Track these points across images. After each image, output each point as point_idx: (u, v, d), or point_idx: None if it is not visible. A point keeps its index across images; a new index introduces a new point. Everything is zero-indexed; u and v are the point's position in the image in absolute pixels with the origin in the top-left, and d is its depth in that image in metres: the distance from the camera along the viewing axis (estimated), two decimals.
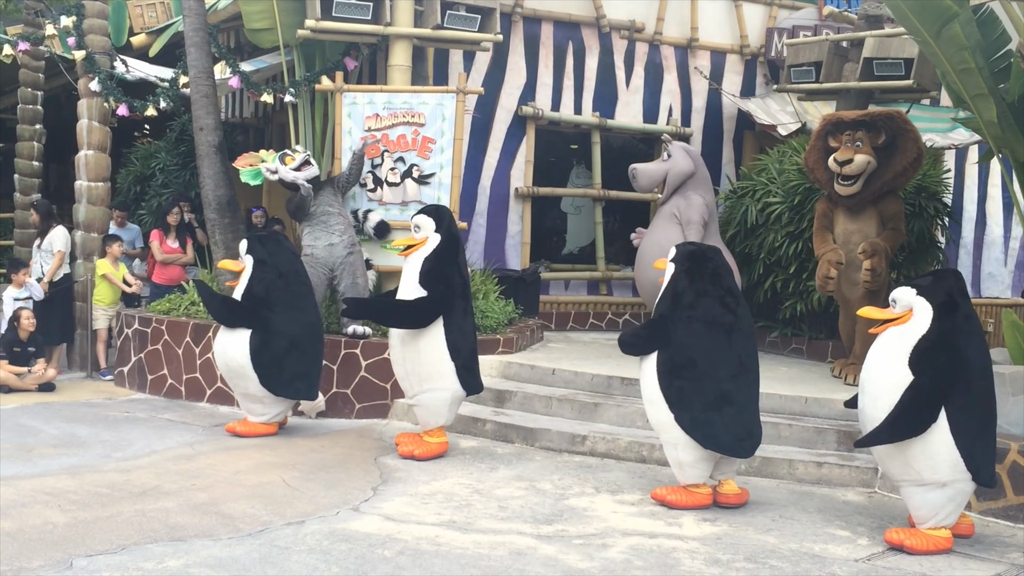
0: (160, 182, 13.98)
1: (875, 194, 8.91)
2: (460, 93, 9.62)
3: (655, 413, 6.75)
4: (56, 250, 10.66)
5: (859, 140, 8.76)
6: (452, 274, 7.64)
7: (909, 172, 8.89)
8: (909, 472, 6.04)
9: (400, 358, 7.69)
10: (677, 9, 12.82)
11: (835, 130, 8.99)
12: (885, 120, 8.72)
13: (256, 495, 6.51)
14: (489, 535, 5.94)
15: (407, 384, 7.74)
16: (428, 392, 7.66)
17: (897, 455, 6.04)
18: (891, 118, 8.74)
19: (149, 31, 14.37)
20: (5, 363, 9.67)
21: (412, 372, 7.64)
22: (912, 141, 8.72)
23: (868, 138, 8.75)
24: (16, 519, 5.79)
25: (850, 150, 8.75)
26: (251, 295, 8.15)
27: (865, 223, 9.07)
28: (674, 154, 10.21)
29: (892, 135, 8.72)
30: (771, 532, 6.30)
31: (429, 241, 7.59)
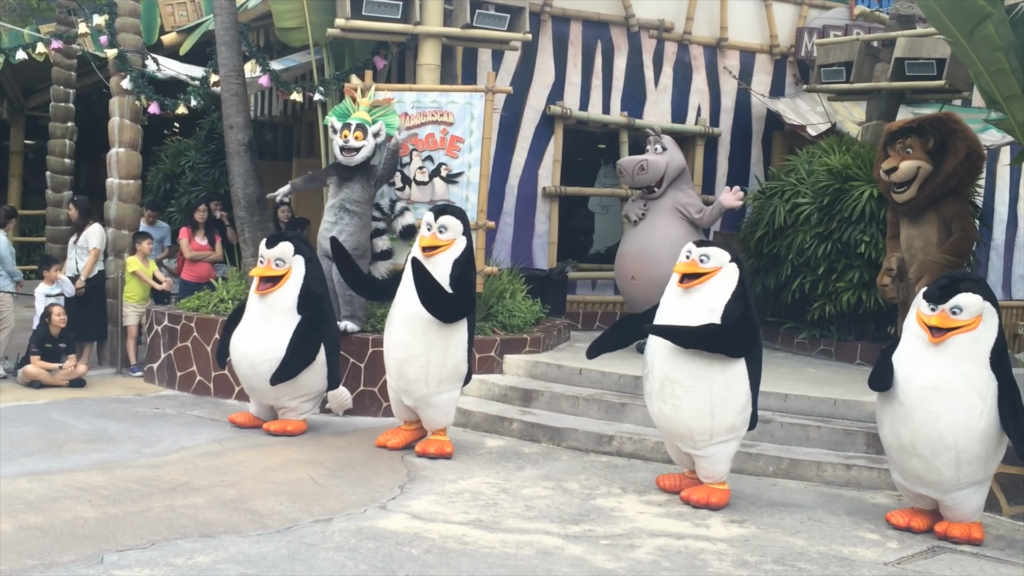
0: (189, 180, 14.10)
1: (930, 198, 8.83)
2: (489, 92, 9.62)
3: (737, 415, 6.66)
4: (92, 247, 10.74)
5: (910, 147, 8.74)
6: (474, 279, 7.88)
7: (962, 171, 8.76)
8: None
9: (421, 358, 7.53)
10: (707, 8, 12.77)
11: (890, 140, 8.99)
12: (933, 124, 8.69)
13: (284, 492, 6.54)
14: (516, 534, 5.95)
15: (420, 384, 7.58)
16: (446, 393, 7.67)
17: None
18: (939, 120, 8.71)
19: (180, 29, 14.49)
20: (37, 359, 9.76)
21: (433, 373, 7.54)
22: (961, 140, 8.65)
23: (919, 144, 8.73)
24: (47, 514, 5.84)
25: (896, 158, 8.73)
26: (310, 293, 8.14)
27: (926, 228, 9.01)
28: (669, 147, 10.25)
29: (942, 137, 8.67)
30: (799, 534, 6.27)
31: (457, 243, 7.56)
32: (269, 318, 8.07)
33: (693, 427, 6.63)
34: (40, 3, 18.93)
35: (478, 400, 9.23)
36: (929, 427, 6.05)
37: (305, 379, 8.14)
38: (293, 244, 8.20)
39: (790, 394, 8.49)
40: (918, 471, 6.21)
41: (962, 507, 6.23)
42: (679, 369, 6.59)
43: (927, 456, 6.10)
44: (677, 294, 6.74)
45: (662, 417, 6.80)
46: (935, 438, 6.04)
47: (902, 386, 6.20)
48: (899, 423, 6.20)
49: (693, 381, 6.56)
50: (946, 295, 6.12)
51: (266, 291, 8.07)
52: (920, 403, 6.09)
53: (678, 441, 6.83)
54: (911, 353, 6.25)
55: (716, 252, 6.67)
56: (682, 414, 6.63)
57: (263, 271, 8.11)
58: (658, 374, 6.71)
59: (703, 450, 6.71)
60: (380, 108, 9.30)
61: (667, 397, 6.66)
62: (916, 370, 6.17)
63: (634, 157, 10.25)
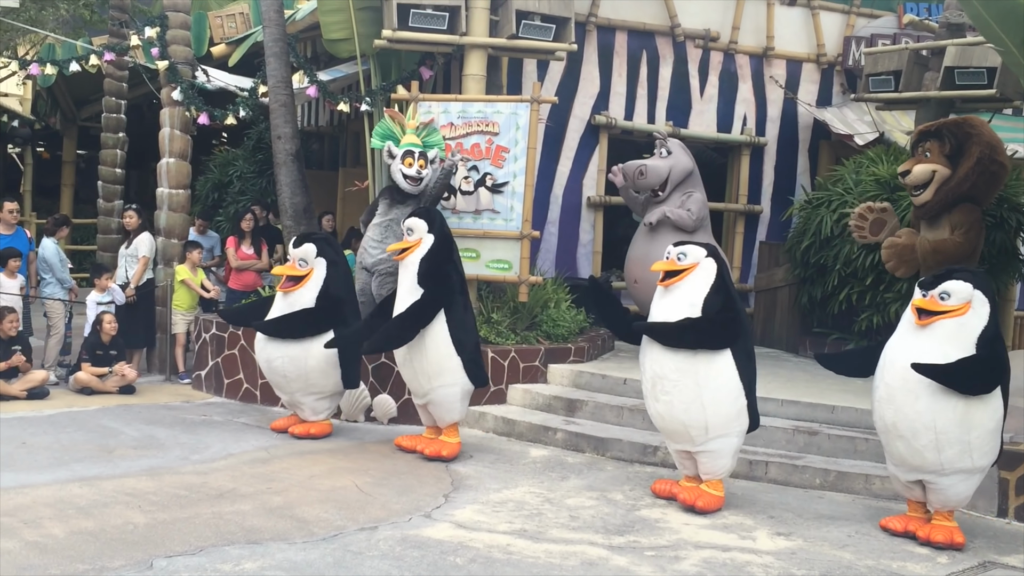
0: (237, 189, 14.24)
1: (944, 202, 8.71)
2: (534, 102, 9.64)
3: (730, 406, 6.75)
4: (141, 255, 10.89)
5: (928, 151, 8.64)
6: (450, 272, 7.94)
7: (974, 176, 8.62)
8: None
9: (406, 359, 7.88)
10: (753, 18, 12.72)
11: (914, 143, 8.89)
12: (950, 128, 8.56)
13: (330, 499, 6.59)
14: (560, 544, 5.94)
15: (416, 384, 7.93)
16: (439, 389, 7.85)
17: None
18: (957, 125, 8.58)
19: (229, 41, 14.70)
20: (87, 365, 9.91)
21: (420, 371, 7.81)
22: (976, 145, 8.50)
23: (937, 147, 8.62)
24: (98, 519, 5.93)
25: (912, 161, 8.65)
26: (329, 296, 8.29)
27: (939, 231, 8.90)
28: (674, 150, 10.18)
29: (959, 142, 8.56)
30: (847, 548, 6.20)
31: (423, 242, 7.86)
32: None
33: (687, 421, 6.72)
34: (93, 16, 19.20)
35: (522, 410, 9.24)
36: (908, 407, 6.21)
37: (315, 377, 8.31)
38: (317, 246, 8.39)
39: (837, 406, 8.41)
40: (902, 453, 6.32)
41: (946, 493, 6.33)
42: (665, 365, 6.75)
43: (908, 437, 6.24)
44: (660, 293, 6.93)
45: (658, 416, 6.92)
46: (914, 417, 6.18)
47: (887, 368, 6.36)
48: (883, 404, 6.36)
49: (680, 375, 6.70)
50: (937, 281, 6.31)
51: (288, 289, 8.33)
52: (902, 383, 6.23)
53: (677, 440, 6.94)
54: (899, 336, 6.45)
55: (692, 249, 6.86)
56: (674, 409, 6.75)
57: (286, 270, 8.39)
58: (648, 373, 6.88)
59: (702, 446, 6.81)
60: (426, 128, 9.36)
61: (659, 395, 6.81)
62: (901, 351, 6.32)
63: (636, 161, 10.21)
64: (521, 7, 9.76)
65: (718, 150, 13.08)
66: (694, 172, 10.23)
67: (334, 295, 8.33)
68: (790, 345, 11.90)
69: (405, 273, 7.87)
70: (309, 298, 8.27)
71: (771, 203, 13.00)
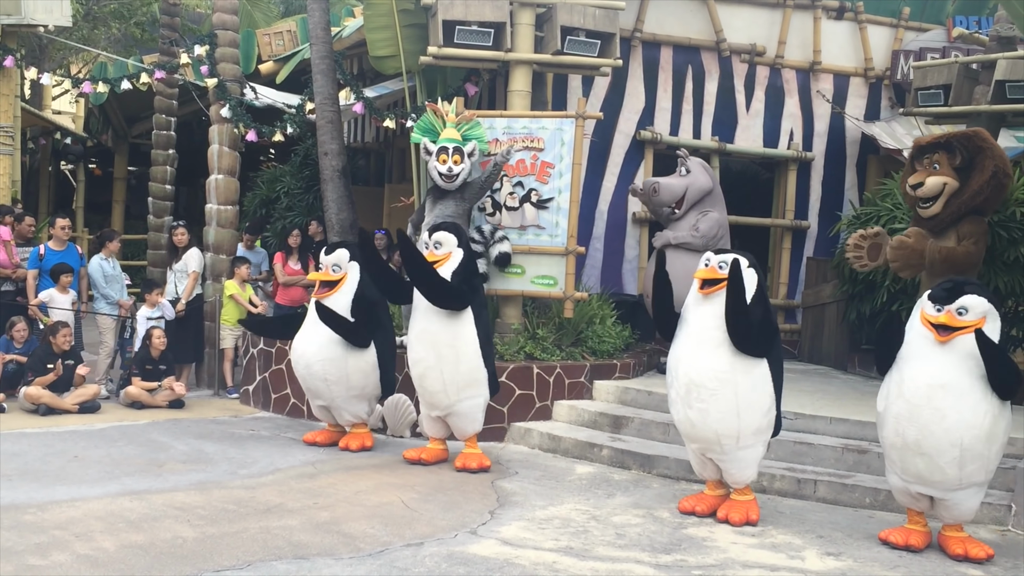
0: (284, 205, 14.37)
1: (954, 215, 8.62)
2: (579, 118, 9.64)
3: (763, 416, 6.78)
4: (191, 271, 11.03)
5: (937, 163, 8.54)
6: (479, 284, 8.14)
7: (988, 190, 8.53)
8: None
9: (435, 371, 7.89)
10: (799, 32, 12.64)
11: (919, 155, 8.78)
12: (961, 140, 8.46)
13: (376, 515, 6.61)
14: (607, 563, 5.91)
15: (442, 396, 7.95)
16: (467, 400, 7.96)
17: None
18: (968, 138, 8.49)
19: (277, 59, 14.85)
20: (138, 380, 10.03)
21: (450, 383, 7.89)
22: (989, 158, 8.42)
23: (946, 160, 8.52)
24: (148, 532, 5.99)
25: (923, 173, 8.53)
26: (364, 298, 8.42)
27: (944, 242, 8.79)
28: (693, 169, 10.23)
29: (970, 155, 8.46)
30: (898, 568, 6.11)
31: (454, 256, 7.97)
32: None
33: (720, 431, 6.71)
34: (144, 34, 19.55)
35: (568, 426, 9.22)
36: (935, 424, 6.12)
37: (356, 379, 8.44)
38: (349, 250, 8.53)
39: None
40: (920, 470, 6.25)
41: (960, 507, 6.30)
42: (704, 373, 6.71)
43: (932, 454, 6.16)
44: (698, 300, 6.90)
45: (687, 423, 6.87)
46: (940, 435, 6.11)
47: (907, 384, 6.26)
48: (904, 421, 6.25)
49: (719, 384, 6.67)
50: (952, 296, 6.25)
51: (323, 295, 8.43)
52: (927, 400, 6.16)
53: (704, 447, 6.90)
54: (915, 352, 6.32)
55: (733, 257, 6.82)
56: (708, 418, 6.72)
57: (321, 276, 8.52)
58: (683, 380, 6.82)
59: (730, 454, 6.80)
60: (467, 123, 9.36)
61: (693, 402, 6.76)
62: (922, 368, 6.24)
63: (651, 179, 10.31)
64: (566, 23, 9.78)
65: (764, 165, 13.00)
66: (714, 191, 10.25)
67: (369, 297, 8.46)
68: (838, 362, 11.76)
69: None
70: (344, 303, 8.39)
71: (818, 218, 12.88)
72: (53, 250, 10.58)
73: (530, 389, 9.33)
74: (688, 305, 7.04)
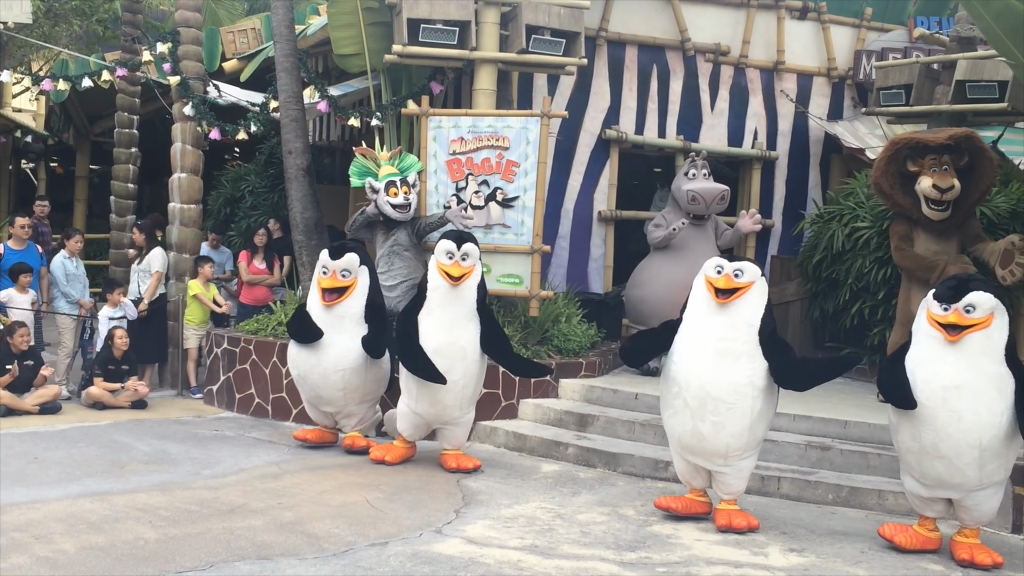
0: (249, 204, 14.28)
1: (962, 217, 8.73)
2: (544, 117, 9.65)
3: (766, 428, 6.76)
4: (154, 270, 10.94)
5: (946, 164, 8.57)
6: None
7: (990, 191, 8.73)
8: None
9: (457, 385, 7.73)
10: (763, 32, 12.71)
11: (915, 154, 8.75)
12: (966, 141, 8.52)
13: (340, 515, 6.58)
14: (572, 560, 5.92)
15: (452, 409, 7.86)
16: (469, 413, 8.06)
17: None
18: (970, 139, 8.53)
19: (241, 56, 14.76)
20: (100, 380, 9.93)
21: (465, 398, 7.86)
22: (989, 159, 8.54)
23: (951, 161, 8.57)
24: (109, 534, 5.93)
25: (948, 176, 8.52)
26: (374, 302, 8.29)
27: (949, 244, 8.88)
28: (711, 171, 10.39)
29: (972, 156, 8.54)
30: (860, 564, 6.16)
31: (476, 269, 7.83)
32: (338, 329, 8.15)
33: (731, 444, 6.58)
34: (106, 32, 19.33)
35: (533, 424, 9.23)
36: (952, 426, 6.01)
37: (372, 387, 8.38)
38: (358, 254, 8.27)
39: (850, 421, 8.37)
40: (940, 474, 6.14)
41: (981, 508, 6.21)
42: (721, 387, 6.52)
43: (950, 457, 6.05)
44: (711, 309, 6.68)
45: (697, 436, 6.64)
46: (959, 437, 6.00)
47: (921, 387, 6.13)
48: (920, 425, 6.12)
49: (738, 398, 6.51)
50: (958, 294, 6.13)
51: (333, 302, 8.15)
52: (942, 403, 6.04)
53: (705, 459, 6.75)
54: (926, 355, 6.20)
55: (748, 266, 6.74)
56: (723, 432, 6.55)
57: (330, 282, 8.16)
58: (695, 392, 6.58)
59: (733, 466, 6.70)
60: (397, 157, 9.75)
61: (707, 415, 6.56)
62: (935, 371, 6.11)
63: (714, 187, 10.23)
64: (531, 22, 9.79)
65: (729, 164, 13.06)
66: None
67: (378, 302, 8.38)
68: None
69: (458, 299, 7.70)
70: (358, 307, 8.19)
71: (782, 217, 12.96)
72: (12, 249, 10.45)
73: (496, 388, 9.32)
74: (696, 312, 6.79)
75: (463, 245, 7.74)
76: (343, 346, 8.13)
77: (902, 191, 8.84)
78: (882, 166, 8.91)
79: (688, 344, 6.73)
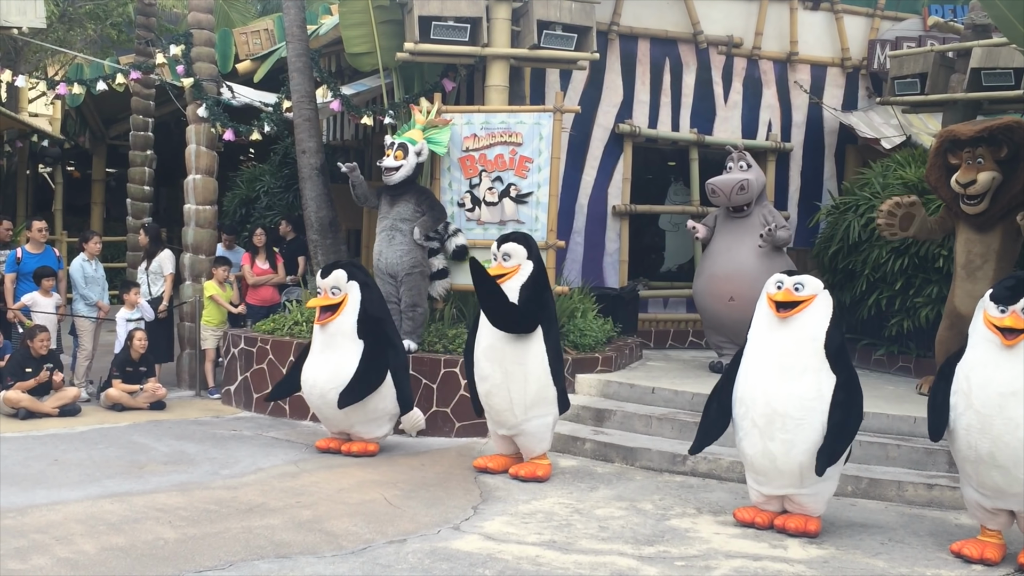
0: (264, 204, 14.34)
1: (1004, 209, 8.63)
2: (557, 112, 9.64)
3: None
4: (167, 272, 11.00)
5: (980, 157, 8.45)
6: (549, 300, 7.71)
7: None
8: None
9: (502, 389, 7.51)
10: (776, 23, 12.66)
11: (953, 147, 8.69)
12: (1005, 132, 8.39)
13: (358, 513, 6.59)
14: (590, 555, 5.92)
15: (508, 415, 7.57)
16: (535, 419, 7.58)
17: None
18: (1011, 129, 8.40)
19: (254, 57, 14.80)
20: (118, 382, 9.98)
21: (518, 402, 7.50)
22: None
23: (990, 153, 8.46)
24: (129, 534, 5.96)
25: (972, 169, 8.44)
26: (369, 316, 8.18)
27: (990, 237, 8.81)
28: (752, 163, 10.25)
29: (1015, 147, 8.42)
30: (880, 556, 6.14)
31: (523, 269, 7.55)
32: (333, 346, 8.12)
33: (805, 463, 6.29)
34: (120, 35, 19.45)
35: None
36: (1010, 435, 5.75)
37: (374, 403, 8.16)
38: (346, 271, 8.23)
39: (869, 412, 8.26)
40: (999, 484, 5.89)
41: None
42: (788, 402, 6.29)
43: (1008, 466, 5.79)
44: (772, 325, 6.49)
45: (767, 456, 6.39)
46: (1016, 446, 5.74)
47: (977, 394, 5.89)
48: (976, 433, 5.89)
49: (805, 413, 6.27)
50: (1016, 295, 5.86)
51: (326, 320, 8.12)
52: (999, 410, 5.79)
53: (781, 483, 6.45)
54: (982, 359, 5.94)
55: (810, 280, 6.51)
56: (794, 450, 6.28)
57: (321, 301, 8.17)
58: (762, 409, 6.36)
59: (811, 488, 6.39)
60: (436, 128, 9.55)
61: (775, 433, 6.30)
62: (991, 376, 5.86)
63: (731, 176, 10.05)
64: (542, 17, 9.77)
65: None
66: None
67: (373, 315, 8.21)
68: None
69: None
70: (350, 324, 8.10)
71: (798, 209, 12.92)
72: (30, 253, 10.51)
73: None
74: (758, 330, 6.61)
75: (504, 245, 7.59)
76: (337, 364, 8.05)
77: (946, 185, 8.81)
78: (931, 160, 8.94)
79: (752, 362, 6.56)
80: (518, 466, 7.72)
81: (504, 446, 7.88)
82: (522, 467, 7.69)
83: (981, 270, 8.81)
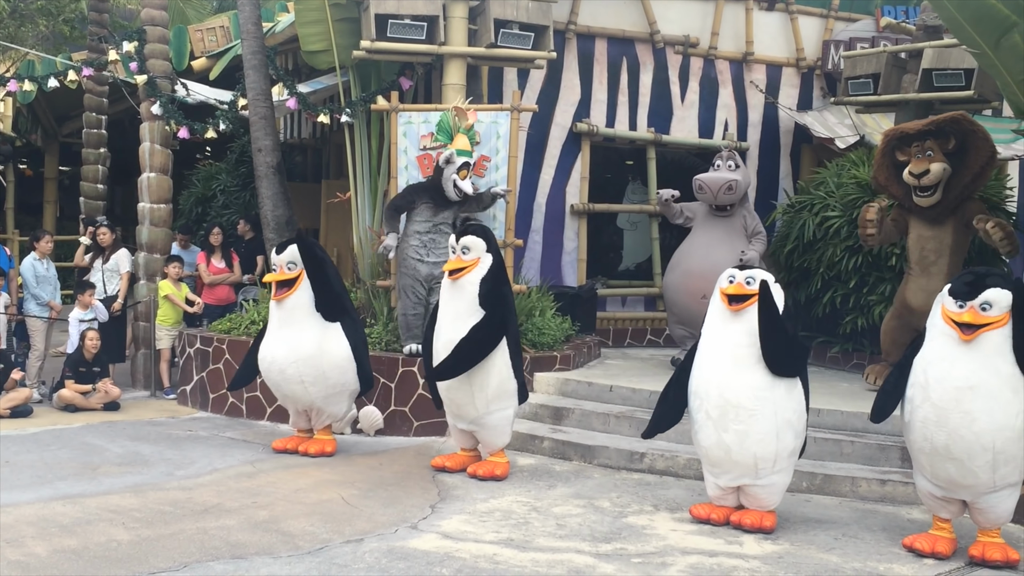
0: (221, 203, 14.22)
1: (955, 201, 8.79)
2: (514, 111, 9.64)
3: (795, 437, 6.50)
4: (124, 271, 10.91)
5: (929, 149, 8.62)
6: (508, 293, 7.70)
7: (987, 171, 8.72)
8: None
9: (462, 384, 7.49)
10: (732, 23, 12.75)
11: (901, 144, 8.85)
12: (951, 124, 8.56)
13: (315, 513, 6.56)
14: (547, 553, 5.93)
15: (470, 409, 7.56)
16: (496, 413, 7.59)
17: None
18: (956, 121, 8.57)
19: (209, 55, 14.66)
20: (71, 383, 9.85)
21: (479, 396, 7.49)
22: (983, 139, 8.56)
23: (938, 145, 8.62)
24: (81, 536, 5.89)
25: (924, 161, 8.60)
26: (333, 291, 8.16)
27: (942, 231, 8.96)
28: (741, 163, 10.34)
29: (961, 138, 8.58)
30: (834, 551, 6.20)
31: (482, 262, 7.52)
32: (290, 322, 8.07)
33: (759, 453, 6.35)
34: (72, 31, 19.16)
35: None
36: (965, 428, 5.82)
37: (334, 376, 8.12)
38: (300, 246, 8.19)
39: (823, 409, 8.42)
40: (952, 476, 5.97)
41: (995, 510, 6.04)
42: (741, 393, 6.35)
43: (963, 459, 5.87)
44: (725, 318, 6.52)
45: (721, 447, 6.44)
46: (972, 440, 5.81)
47: (934, 387, 5.94)
48: (932, 426, 5.94)
49: (758, 404, 6.32)
50: (974, 291, 5.90)
51: (283, 296, 8.07)
52: (955, 404, 5.85)
53: (736, 476, 6.52)
54: (940, 354, 5.99)
55: (760, 273, 6.58)
56: (747, 440, 6.34)
57: (277, 276, 8.11)
58: (715, 400, 6.43)
59: (765, 479, 6.46)
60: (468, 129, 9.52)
61: (729, 424, 6.37)
62: (948, 371, 5.91)
63: (719, 175, 10.09)
64: (499, 16, 9.76)
65: (700, 156, 13.10)
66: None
67: (338, 290, 8.24)
68: None
69: (460, 293, 7.48)
70: (306, 298, 8.07)
71: (754, 207, 12.99)
72: None
73: None
74: (712, 323, 6.64)
75: (463, 238, 7.55)
76: (295, 339, 8.02)
77: (896, 182, 8.95)
78: (877, 160, 9.07)
79: (706, 355, 6.59)
80: (476, 465, 7.72)
81: (464, 440, 7.88)
82: (480, 466, 7.68)
83: (935, 265, 8.95)
